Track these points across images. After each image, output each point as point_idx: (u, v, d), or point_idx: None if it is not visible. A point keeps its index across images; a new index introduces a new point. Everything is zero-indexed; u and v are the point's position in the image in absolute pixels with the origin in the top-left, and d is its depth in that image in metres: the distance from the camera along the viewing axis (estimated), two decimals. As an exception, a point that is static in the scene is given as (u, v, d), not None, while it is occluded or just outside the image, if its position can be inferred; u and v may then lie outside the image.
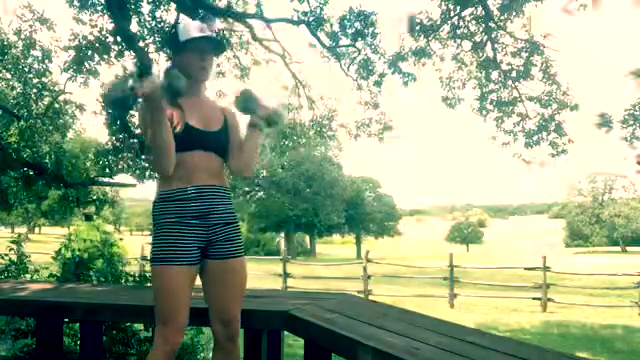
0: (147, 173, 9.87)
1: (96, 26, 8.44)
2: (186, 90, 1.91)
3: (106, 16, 8.28)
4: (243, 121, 2.23)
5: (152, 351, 2.04)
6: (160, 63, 8.32)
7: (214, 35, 2.26)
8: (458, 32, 9.07)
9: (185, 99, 2.00)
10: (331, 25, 8.98)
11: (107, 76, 10.00)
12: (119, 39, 8.25)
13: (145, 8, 8.55)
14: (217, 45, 2.21)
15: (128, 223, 77.09)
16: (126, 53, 8.48)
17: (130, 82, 1.80)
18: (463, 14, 8.88)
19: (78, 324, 3.36)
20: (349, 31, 8.97)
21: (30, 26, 9.91)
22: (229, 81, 11.11)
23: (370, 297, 12.60)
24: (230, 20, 9.78)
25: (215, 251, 2.07)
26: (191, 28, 2.08)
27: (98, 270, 4.63)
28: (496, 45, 9.24)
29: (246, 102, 2.17)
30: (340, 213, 42.64)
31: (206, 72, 2.13)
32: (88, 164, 12.11)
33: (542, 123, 9.50)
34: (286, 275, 15.04)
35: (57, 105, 11.05)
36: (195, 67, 2.08)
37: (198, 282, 2.12)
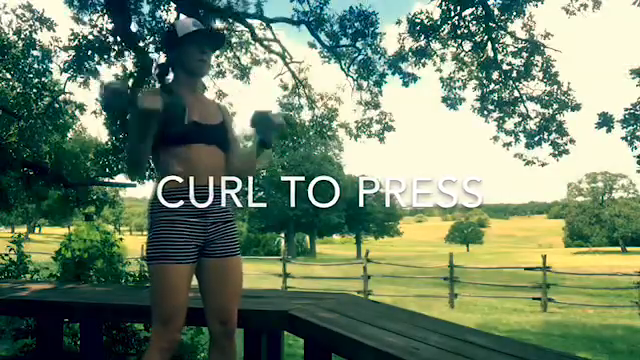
0: (147, 173, 9.84)
1: (96, 26, 8.44)
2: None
3: (106, 16, 8.28)
4: (239, 122, 2.23)
5: (149, 350, 2.02)
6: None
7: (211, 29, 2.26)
8: (458, 32, 9.05)
9: (183, 94, 2.04)
10: (331, 25, 8.98)
11: (107, 76, 9.99)
12: (119, 39, 8.25)
13: (145, 8, 8.56)
14: (215, 39, 2.23)
15: (128, 223, 77.17)
16: (126, 53, 8.48)
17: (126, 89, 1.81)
18: (463, 14, 8.87)
19: (78, 324, 3.36)
20: (349, 31, 8.97)
21: (30, 26, 9.89)
22: (229, 81, 11.11)
23: (370, 297, 12.59)
24: (230, 20, 9.77)
25: (213, 249, 2.07)
26: (189, 23, 2.12)
27: (98, 270, 4.61)
28: (497, 45, 9.23)
29: (265, 124, 2.15)
30: (340, 213, 42.65)
31: (205, 65, 2.15)
32: (88, 164, 12.09)
33: (543, 123, 9.47)
34: (286, 275, 15.03)
35: (57, 105, 11.01)
36: (194, 60, 2.09)
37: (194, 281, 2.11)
